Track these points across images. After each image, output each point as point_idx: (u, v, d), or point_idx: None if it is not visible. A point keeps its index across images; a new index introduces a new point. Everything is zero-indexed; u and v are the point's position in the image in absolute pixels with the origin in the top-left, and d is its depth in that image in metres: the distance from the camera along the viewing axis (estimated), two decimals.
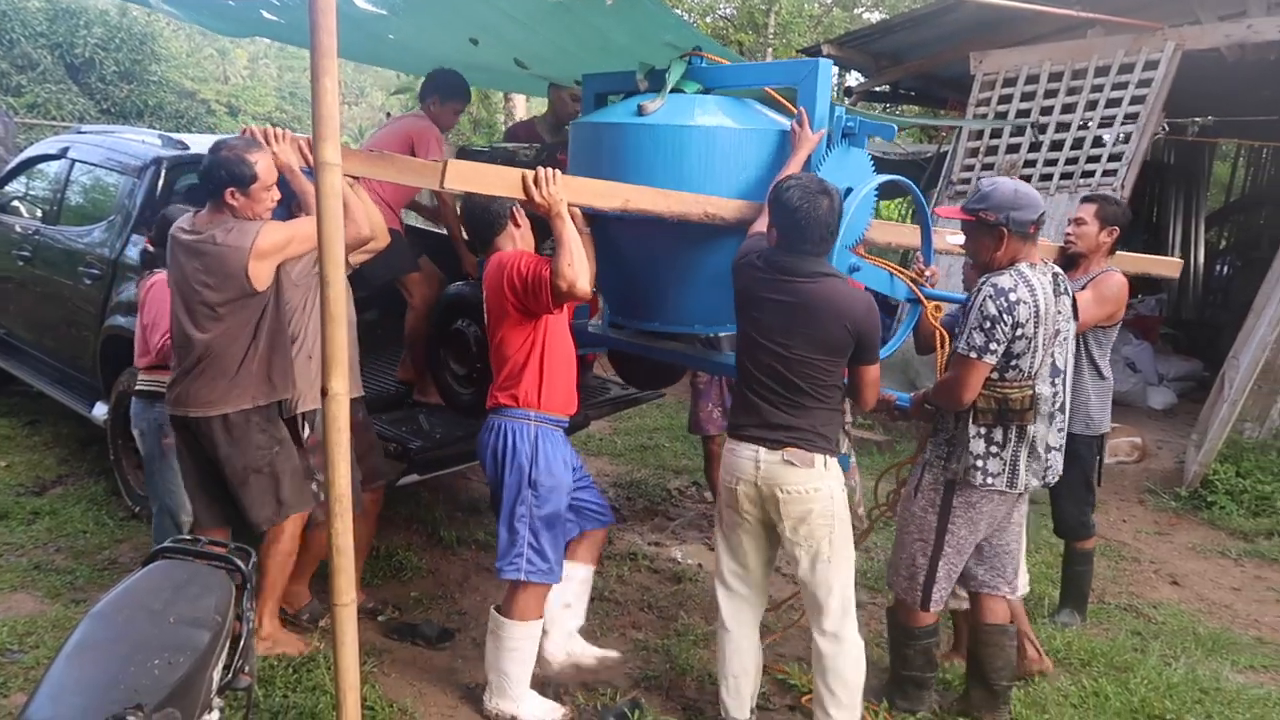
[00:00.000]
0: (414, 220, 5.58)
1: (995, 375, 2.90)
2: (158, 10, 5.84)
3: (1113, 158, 6.79)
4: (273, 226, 3.16)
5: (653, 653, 3.71)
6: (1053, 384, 3.00)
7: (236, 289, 3.13)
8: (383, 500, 3.91)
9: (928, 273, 3.46)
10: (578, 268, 2.82)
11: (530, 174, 2.82)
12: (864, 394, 3.01)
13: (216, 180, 3.13)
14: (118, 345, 4.61)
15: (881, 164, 3.90)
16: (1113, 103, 6.81)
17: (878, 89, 9.47)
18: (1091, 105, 6.91)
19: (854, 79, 10.29)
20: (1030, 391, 2.92)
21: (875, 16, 16.40)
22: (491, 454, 3.10)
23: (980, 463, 2.97)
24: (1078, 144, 6.97)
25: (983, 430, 2.96)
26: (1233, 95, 8.28)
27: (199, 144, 5.28)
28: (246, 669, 2.12)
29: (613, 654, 3.48)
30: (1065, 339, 3.03)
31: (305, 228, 3.14)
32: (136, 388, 3.81)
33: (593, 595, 4.16)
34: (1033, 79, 7.20)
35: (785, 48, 14.86)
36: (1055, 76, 7.10)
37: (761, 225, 3.02)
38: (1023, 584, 3.42)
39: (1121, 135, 6.80)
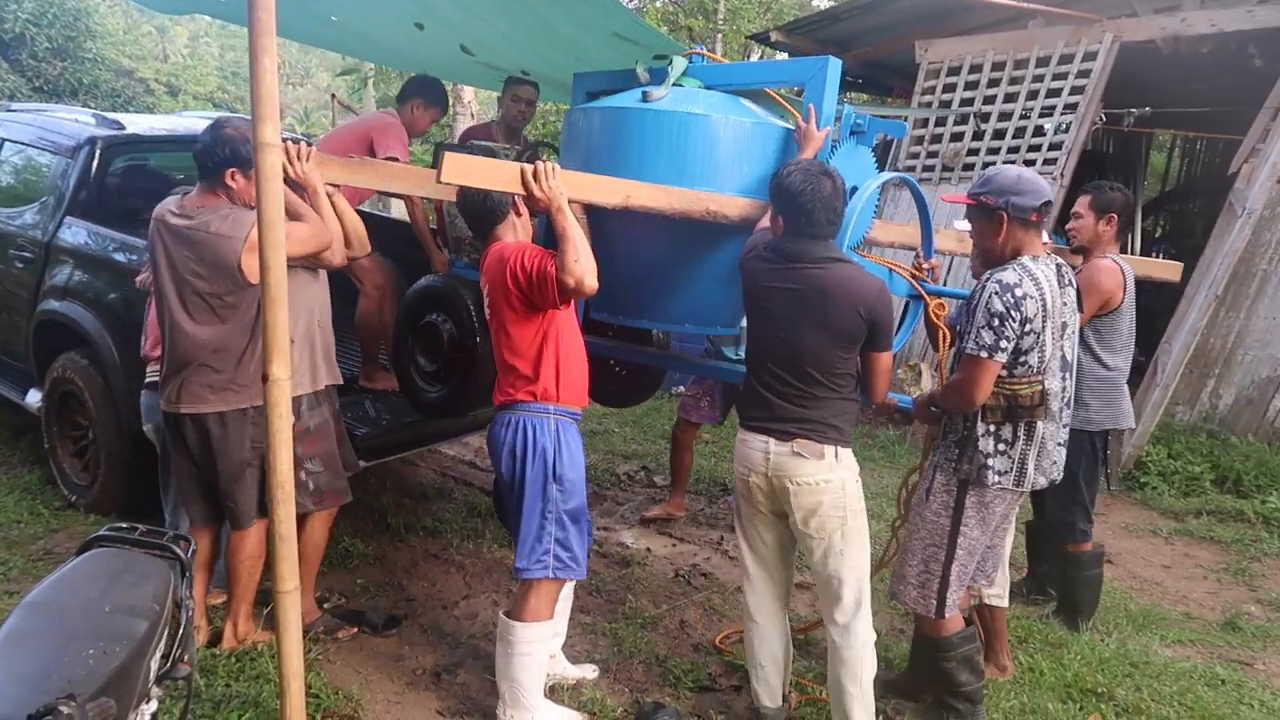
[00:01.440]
0: (363, 205, 5.49)
1: (1004, 372, 2.82)
2: None
3: (1053, 147, 6.94)
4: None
5: (600, 636, 3.74)
6: (1062, 379, 2.92)
7: (228, 281, 3.00)
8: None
9: (926, 266, 3.40)
10: (584, 264, 2.72)
11: (529, 168, 2.75)
12: (876, 383, 2.91)
13: (217, 159, 2.98)
14: (51, 330, 4.50)
15: None
16: (1053, 93, 6.96)
17: None
18: (1033, 95, 7.05)
19: None
20: (1040, 387, 2.85)
21: (825, 4, 16.49)
22: (509, 451, 2.95)
23: (990, 461, 2.89)
24: (1019, 133, 7.11)
25: (991, 428, 2.89)
26: (1168, 87, 8.49)
27: (136, 124, 5.17)
28: (186, 658, 2.08)
29: (591, 673, 3.43)
30: (1072, 332, 2.95)
31: (302, 231, 3.01)
32: (147, 380, 3.68)
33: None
34: (976, 68, 7.32)
35: (735, 33, 14.89)
36: (998, 66, 7.24)
37: (768, 220, 2.97)
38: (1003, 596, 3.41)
39: (1062, 125, 6.95)
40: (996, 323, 2.75)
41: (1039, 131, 7.07)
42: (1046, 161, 6.91)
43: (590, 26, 3.79)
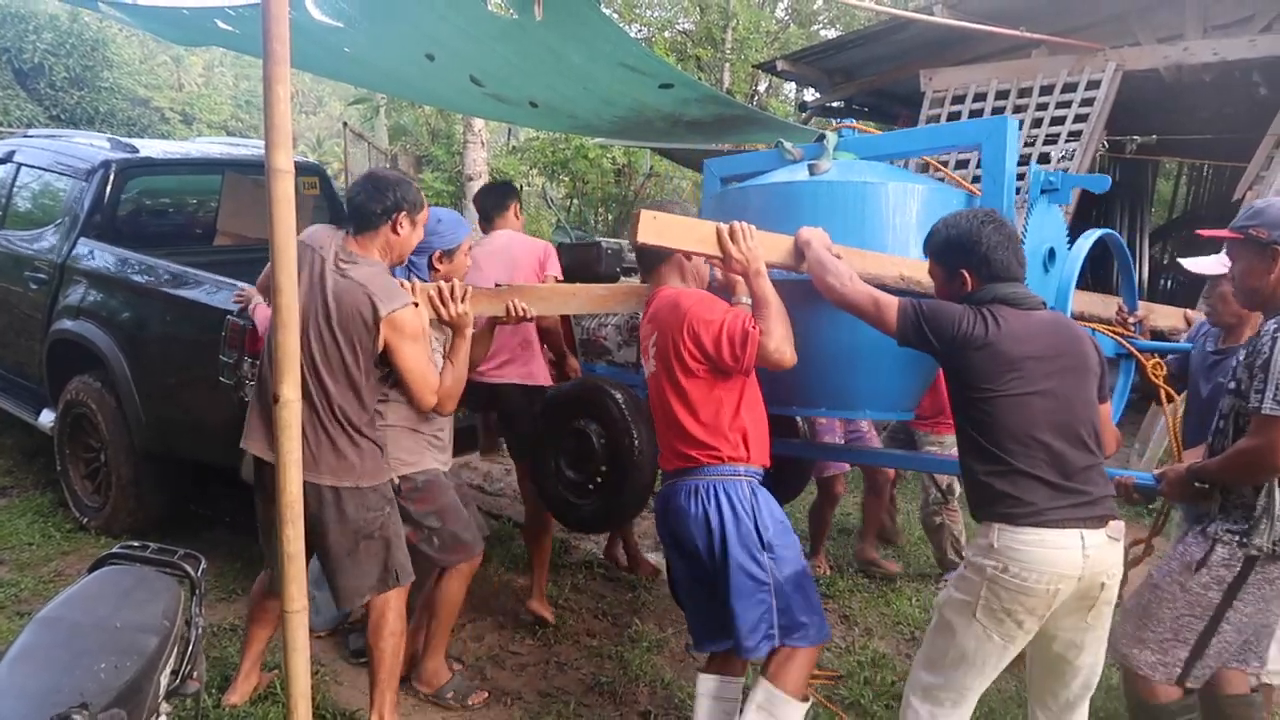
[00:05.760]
0: None
1: None
2: (109, 17, 5.77)
3: None
4: (418, 317, 2.89)
5: (606, 659, 3.74)
6: None
7: (358, 340, 2.81)
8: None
9: (1133, 320, 3.16)
10: (787, 333, 2.53)
11: (725, 227, 2.62)
12: (1109, 435, 2.58)
13: (389, 205, 2.85)
14: (65, 350, 4.56)
15: None
16: (1057, 120, 7.02)
17: (832, 104, 9.64)
18: (1037, 123, 7.11)
19: (811, 95, 10.46)
20: None
21: (832, 33, 16.66)
22: (701, 524, 2.60)
23: None
24: (1024, 160, 7.16)
25: None
26: (1174, 115, 8.56)
27: (149, 148, 5.26)
28: (195, 674, 2.10)
29: None
30: None
31: (430, 370, 2.93)
32: None
33: (548, 603, 4.18)
34: (980, 96, 7.39)
35: (742, 63, 15.05)
36: (1002, 94, 7.31)
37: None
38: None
39: (1067, 152, 7.00)
40: None
41: (1044, 159, 7.12)
42: None
43: (598, 57, 3.86)
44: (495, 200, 4.21)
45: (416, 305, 2.90)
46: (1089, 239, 3.02)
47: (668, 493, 2.72)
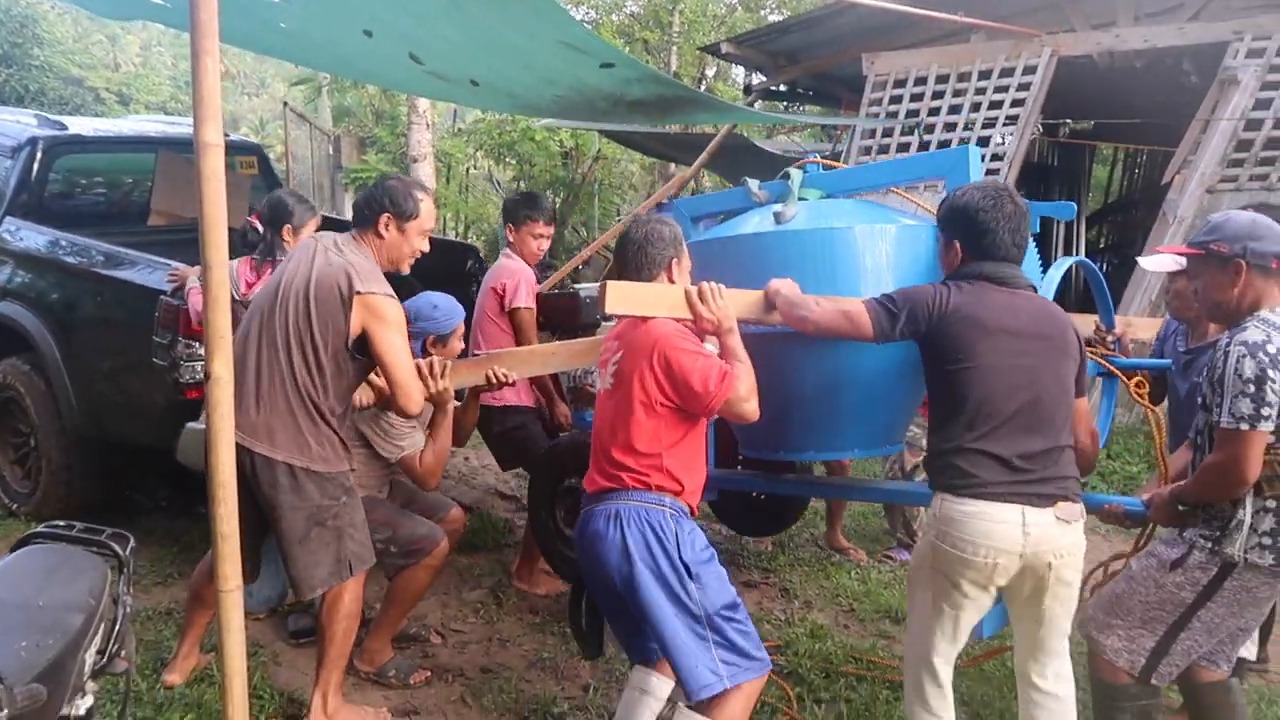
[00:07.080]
0: None
1: (1272, 438, 2.41)
2: None
3: (995, 157, 7.13)
4: (398, 309, 2.89)
5: (549, 635, 3.77)
6: None
7: (330, 320, 2.81)
8: (460, 529, 3.69)
9: (1111, 338, 3.19)
10: (753, 390, 2.50)
11: (694, 290, 2.59)
12: (1083, 430, 2.58)
13: (375, 205, 2.93)
14: None
15: (778, 162, 3.76)
16: (995, 104, 7.16)
17: (776, 88, 9.71)
18: (975, 107, 7.25)
19: (757, 79, 10.52)
20: None
21: (779, 17, 16.73)
22: (619, 550, 2.45)
23: (1266, 540, 2.46)
24: (963, 143, 7.29)
25: (1270, 504, 2.46)
26: (1111, 101, 8.77)
27: (79, 125, 5.15)
28: (123, 654, 2.07)
29: None
30: None
31: (408, 370, 2.89)
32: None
33: (491, 584, 4.21)
34: (921, 80, 7.51)
35: (689, 46, 15.07)
36: (942, 79, 7.44)
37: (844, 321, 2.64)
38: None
39: (1003, 136, 7.15)
40: (1253, 389, 2.36)
41: (983, 142, 7.26)
42: (989, 172, 7.08)
43: (538, 36, 3.83)
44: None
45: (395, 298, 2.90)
46: (1060, 268, 3.05)
47: (586, 517, 2.58)
